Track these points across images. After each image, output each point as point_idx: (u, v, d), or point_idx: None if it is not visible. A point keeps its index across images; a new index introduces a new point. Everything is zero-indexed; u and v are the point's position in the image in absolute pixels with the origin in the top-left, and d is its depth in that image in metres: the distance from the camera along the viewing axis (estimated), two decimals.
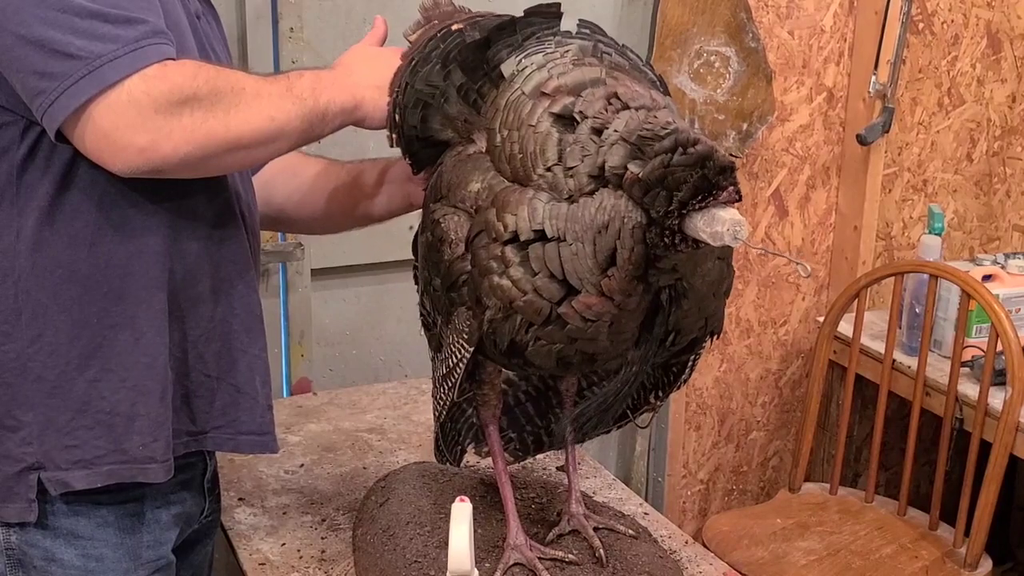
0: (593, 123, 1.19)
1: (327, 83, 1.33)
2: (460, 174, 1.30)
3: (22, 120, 1.25)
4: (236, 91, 1.24)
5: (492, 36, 1.32)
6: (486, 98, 1.31)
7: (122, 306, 1.31)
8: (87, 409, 1.32)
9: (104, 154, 1.20)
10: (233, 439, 1.45)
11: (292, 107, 1.28)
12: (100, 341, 1.31)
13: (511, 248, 1.19)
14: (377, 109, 1.36)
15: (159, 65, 1.19)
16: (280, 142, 1.30)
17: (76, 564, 1.36)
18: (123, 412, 1.33)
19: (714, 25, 2.43)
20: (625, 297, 1.18)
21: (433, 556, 1.46)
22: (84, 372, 1.31)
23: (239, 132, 1.24)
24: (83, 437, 1.32)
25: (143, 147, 1.19)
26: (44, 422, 1.31)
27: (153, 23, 1.21)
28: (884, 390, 2.48)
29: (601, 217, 1.15)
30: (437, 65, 1.34)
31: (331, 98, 1.32)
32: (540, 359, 1.24)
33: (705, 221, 1.09)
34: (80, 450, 1.32)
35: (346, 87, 1.34)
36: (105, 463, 1.33)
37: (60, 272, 1.29)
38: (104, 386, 1.32)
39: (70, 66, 1.16)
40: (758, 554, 2.33)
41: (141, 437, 1.34)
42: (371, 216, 1.62)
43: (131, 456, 1.34)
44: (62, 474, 1.32)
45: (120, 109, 1.17)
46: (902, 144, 2.78)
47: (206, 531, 1.57)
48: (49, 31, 1.16)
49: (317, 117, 1.31)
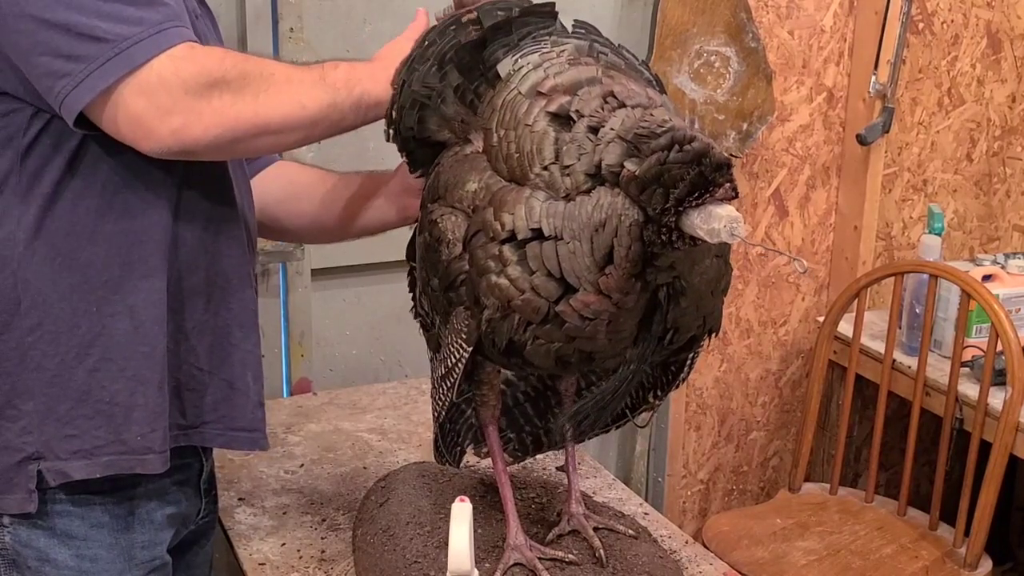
0: (589, 121, 1.19)
1: (362, 74, 1.33)
2: (457, 174, 1.30)
3: (29, 107, 1.26)
4: (265, 76, 1.25)
5: (488, 36, 1.32)
6: (483, 98, 1.31)
7: (121, 294, 1.31)
8: (87, 398, 1.32)
9: (137, 135, 1.21)
10: (223, 434, 1.45)
11: (324, 95, 1.29)
12: (99, 330, 1.31)
13: (509, 247, 1.20)
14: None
15: (186, 46, 1.20)
16: (311, 129, 1.30)
17: (70, 564, 1.36)
18: (122, 402, 1.33)
19: (714, 25, 2.43)
20: (623, 295, 1.18)
21: (433, 556, 1.46)
22: (84, 361, 1.31)
23: (268, 116, 1.25)
24: (83, 427, 1.32)
25: (175, 128, 1.20)
26: (44, 412, 1.31)
27: (174, 7, 1.23)
28: (884, 390, 2.48)
29: (598, 215, 1.15)
30: (434, 66, 1.34)
31: (366, 89, 1.32)
32: (538, 358, 1.24)
33: (702, 218, 1.09)
34: (79, 440, 1.32)
35: (381, 79, 1.34)
36: (104, 453, 1.33)
37: (59, 260, 1.29)
38: (104, 375, 1.32)
39: (97, 48, 1.17)
40: (758, 554, 2.33)
41: (139, 427, 1.34)
42: (365, 228, 1.62)
43: (130, 447, 1.34)
44: (61, 464, 1.32)
45: (151, 90, 1.18)
46: (902, 144, 2.78)
47: (203, 532, 1.57)
48: (73, 15, 1.17)
49: (350, 107, 1.32)
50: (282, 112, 1.26)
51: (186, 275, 1.36)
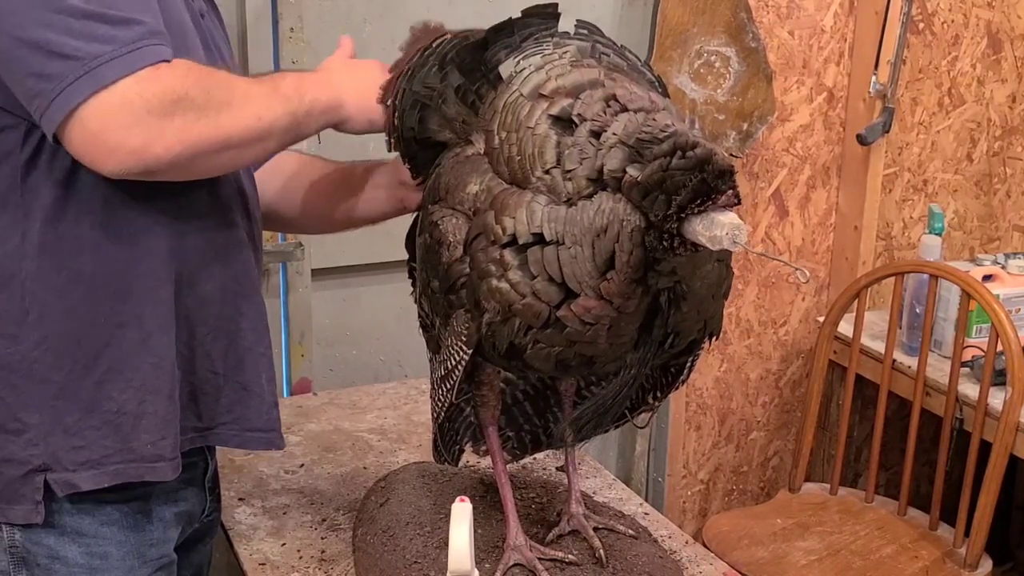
0: (592, 126, 1.19)
1: (311, 82, 1.35)
2: (458, 176, 1.30)
3: (24, 123, 1.25)
4: (226, 91, 1.25)
5: (490, 37, 1.32)
6: (484, 99, 1.31)
7: (128, 306, 1.31)
8: (94, 409, 1.32)
9: (95, 155, 1.19)
10: (239, 435, 1.45)
11: (279, 106, 1.30)
12: (107, 341, 1.31)
13: (510, 251, 1.19)
14: (359, 111, 1.38)
15: (152, 68, 1.19)
16: (268, 141, 1.30)
17: (80, 562, 1.36)
18: (130, 411, 1.33)
19: (714, 25, 2.43)
20: (624, 300, 1.18)
21: (433, 556, 1.46)
22: (91, 373, 1.31)
23: (228, 132, 1.24)
24: (90, 437, 1.32)
25: (135, 148, 1.19)
26: (51, 423, 1.31)
27: (150, 24, 1.21)
28: (884, 390, 2.48)
29: (600, 220, 1.15)
30: (434, 67, 1.34)
31: (315, 96, 1.34)
32: (539, 362, 1.24)
33: (704, 225, 1.09)
34: (87, 450, 1.32)
35: (329, 86, 1.36)
36: (112, 463, 1.33)
37: (66, 273, 1.29)
38: (111, 386, 1.32)
39: (67, 67, 1.16)
40: (758, 554, 2.33)
41: (149, 435, 1.34)
42: (364, 217, 1.62)
43: (139, 455, 1.34)
44: (69, 475, 1.32)
45: (112, 111, 1.17)
46: (902, 144, 2.78)
47: (206, 530, 1.57)
48: (46, 32, 1.16)
49: (303, 115, 1.33)
50: (242, 127, 1.25)
51: (196, 283, 1.36)
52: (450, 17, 2.24)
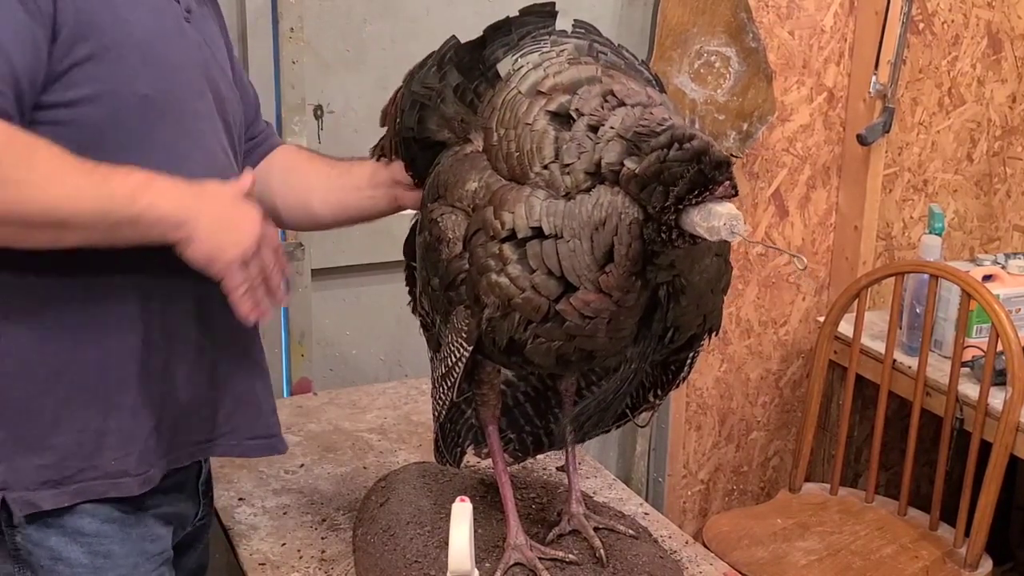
0: (589, 120, 1.19)
1: (161, 189, 1.22)
2: (457, 173, 1.30)
3: None
4: (24, 168, 1.15)
5: (488, 36, 1.32)
6: (483, 98, 1.32)
7: (93, 322, 1.30)
8: (58, 426, 1.30)
9: None
10: (239, 445, 1.45)
11: (90, 201, 1.18)
12: (69, 358, 1.29)
13: (509, 246, 1.20)
14: (203, 241, 1.24)
15: None
16: (64, 231, 1.20)
17: (83, 562, 1.35)
18: (94, 428, 1.31)
19: (714, 25, 2.43)
20: (623, 293, 1.18)
21: (433, 556, 1.46)
22: (54, 390, 1.29)
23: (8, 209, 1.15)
24: (52, 456, 1.30)
25: None
26: (13, 441, 1.29)
27: None
28: (884, 390, 2.47)
29: (598, 214, 1.15)
30: (433, 67, 1.34)
31: (152, 202, 1.21)
32: (539, 357, 1.24)
33: (702, 216, 1.09)
34: (50, 469, 1.30)
35: (183, 203, 1.23)
36: (75, 481, 1.31)
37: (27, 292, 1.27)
38: (75, 403, 1.30)
39: None
40: (758, 554, 2.33)
41: (113, 452, 1.32)
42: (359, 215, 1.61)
43: (103, 471, 1.32)
44: (29, 494, 1.30)
45: None
46: (902, 144, 2.78)
47: (198, 535, 1.56)
48: None
49: (124, 218, 1.20)
50: (27, 209, 1.16)
51: (173, 299, 1.34)
52: (450, 17, 2.26)
